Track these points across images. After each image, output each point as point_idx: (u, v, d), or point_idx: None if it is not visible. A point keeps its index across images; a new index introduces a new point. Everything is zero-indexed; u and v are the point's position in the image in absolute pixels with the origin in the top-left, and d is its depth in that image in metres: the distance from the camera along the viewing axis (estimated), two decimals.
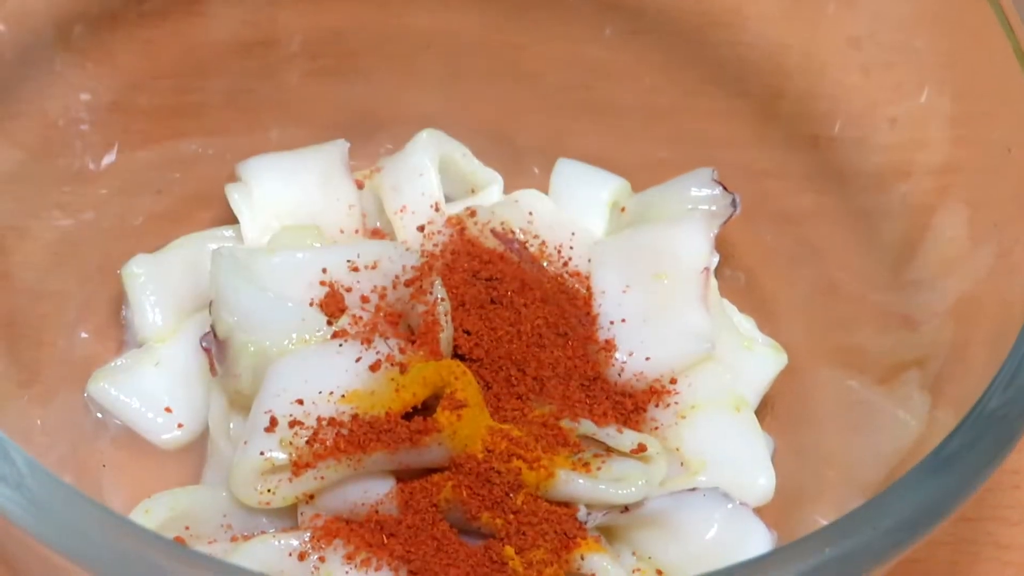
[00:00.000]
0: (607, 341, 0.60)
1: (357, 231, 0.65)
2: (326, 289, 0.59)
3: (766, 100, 0.68)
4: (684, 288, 0.61)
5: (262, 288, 0.58)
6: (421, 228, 0.63)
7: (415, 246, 0.62)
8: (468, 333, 0.59)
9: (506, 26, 0.69)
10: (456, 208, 0.65)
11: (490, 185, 0.67)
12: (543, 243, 0.63)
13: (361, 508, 0.55)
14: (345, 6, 0.69)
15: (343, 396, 0.55)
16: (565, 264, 0.63)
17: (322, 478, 0.55)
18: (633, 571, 0.56)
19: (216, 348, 0.58)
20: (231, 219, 0.64)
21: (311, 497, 0.55)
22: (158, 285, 0.63)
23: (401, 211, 0.63)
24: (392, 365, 0.56)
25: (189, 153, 0.67)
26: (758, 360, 0.62)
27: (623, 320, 0.61)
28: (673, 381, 0.60)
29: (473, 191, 0.67)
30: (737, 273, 0.67)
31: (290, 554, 0.54)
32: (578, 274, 0.63)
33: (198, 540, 0.56)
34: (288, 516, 0.56)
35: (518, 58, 0.70)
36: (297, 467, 0.54)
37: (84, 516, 0.43)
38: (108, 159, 0.65)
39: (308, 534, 0.54)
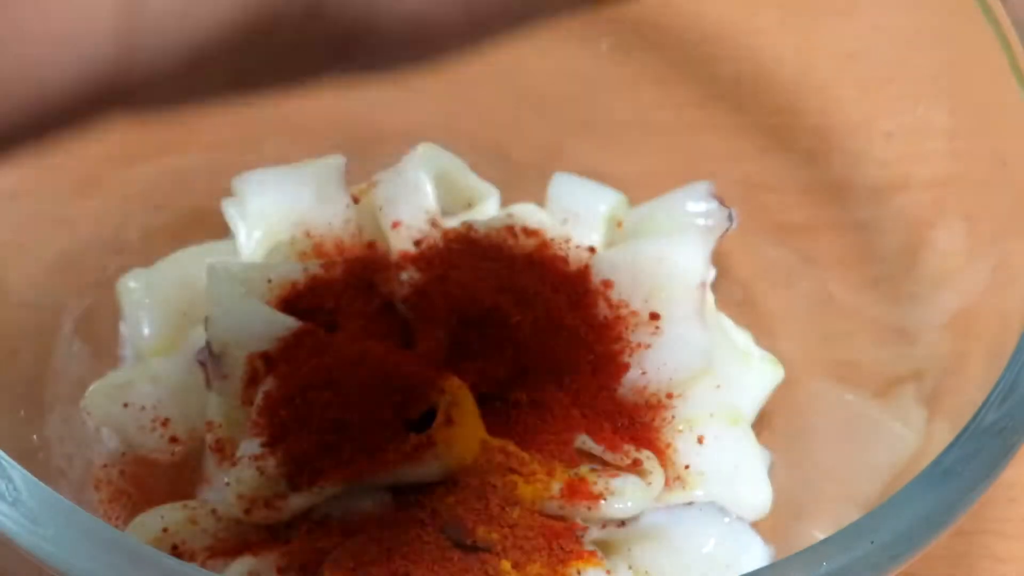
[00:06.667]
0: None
1: (353, 246, 0.65)
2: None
3: (763, 114, 0.68)
4: (681, 302, 0.61)
5: (258, 303, 0.58)
6: (418, 242, 0.63)
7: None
8: (465, 348, 0.59)
9: (502, 40, 0.69)
10: (453, 222, 0.64)
11: (487, 199, 0.67)
12: None
13: (356, 522, 0.55)
14: None
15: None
16: None
17: (319, 494, 0.54)
18: None
19: (212, 363, 0.58)
20: (227, 234, 0.64)
21: (307, 512, 0.55)
22: (154, 299, 0.63)
23: (397, 225, 0.63)
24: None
25: (186, 168, 0.67)
26: (755, 374, 0.62)
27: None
28: (669, 395, 0.60)
29: (470, 205, 0.67)
30: (734, 287, 0.67)
31: (285, 569, 0.54)
32: None
33: (193, 555, 0.55)
34: (283, 531, 0.56)
35: (515, 72, 0.70)
36: (294, 483, 0.54)
37: (80, 532, 0.43)
38: (104, 174, 0.65)
39: (303, 549, 0.54)
